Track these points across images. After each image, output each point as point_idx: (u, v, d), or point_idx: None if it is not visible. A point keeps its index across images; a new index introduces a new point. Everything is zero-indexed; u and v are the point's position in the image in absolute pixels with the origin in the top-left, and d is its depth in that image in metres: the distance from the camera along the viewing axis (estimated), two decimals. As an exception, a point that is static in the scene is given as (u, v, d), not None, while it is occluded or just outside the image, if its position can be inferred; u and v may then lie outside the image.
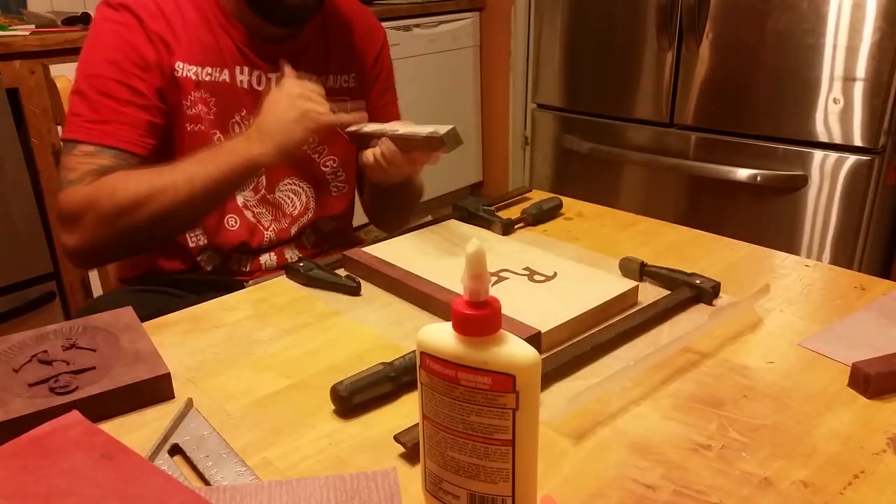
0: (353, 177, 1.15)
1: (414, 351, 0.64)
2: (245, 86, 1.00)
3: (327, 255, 1.03)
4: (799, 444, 0.56)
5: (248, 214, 1.04)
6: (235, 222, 1.02)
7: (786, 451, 0.55)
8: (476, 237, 0.87)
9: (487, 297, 0.43)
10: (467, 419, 0.44)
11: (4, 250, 1.77)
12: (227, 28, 0.99)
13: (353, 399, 0.60)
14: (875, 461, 0.54)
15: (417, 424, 0.56)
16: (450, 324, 0.44)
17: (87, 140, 0.91)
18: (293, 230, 1.07)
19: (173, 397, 0.63)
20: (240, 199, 1.03)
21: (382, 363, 0.63)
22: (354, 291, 0.82)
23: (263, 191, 1.05)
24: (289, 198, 1.07)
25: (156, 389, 0.62)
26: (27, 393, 0.59)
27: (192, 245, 1.01)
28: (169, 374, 0.62)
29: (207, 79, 0.97)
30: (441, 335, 0.44)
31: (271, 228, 1.05)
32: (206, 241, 1.01)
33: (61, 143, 0.94)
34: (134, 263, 1.07)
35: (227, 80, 0.99)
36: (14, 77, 1.73)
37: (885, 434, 0.57)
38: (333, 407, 0.61)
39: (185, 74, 0.96)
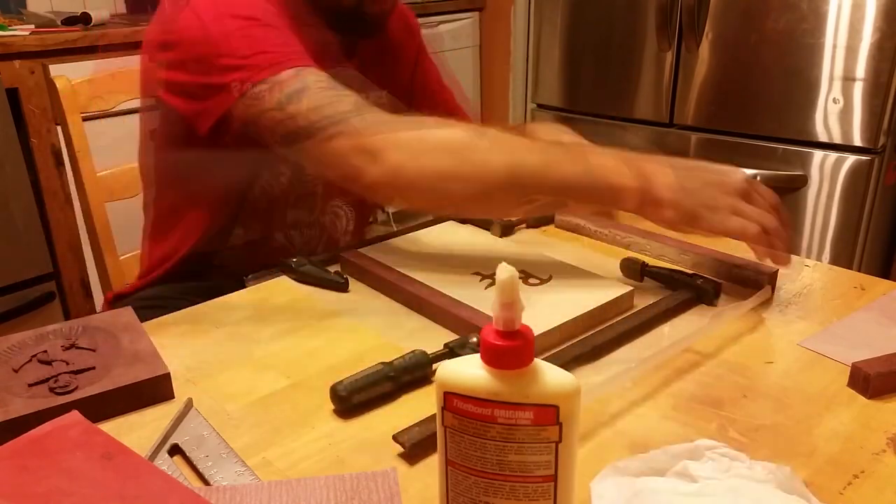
0: None
1: (414, 351, 0.64)
2: None
3: None
4: (799, 444, 0.56)
5: (295, 234, 0.98)
6: (286, 239, 0.97)
7: (786, 451, 0.55)
8: (476, 239, 0.87)
9: (521, 326, 0.39)
10: (504, 459, 0.40)
11: (4, 250, 1.77)
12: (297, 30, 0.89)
13: (353, 399, 0.60)
14: (875, 461, 0.54)
15: (417, 424, 0.56)
16: (476, 357, 0.40)
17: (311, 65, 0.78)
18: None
19: (173, 397, 0.63)
20: (290, 216, 0.97)
21: (382, 363, 0.63)
22: (342, 288, 0.82)
23: (317, 212, 0.98)
24: (331, 221, 1.02)
25: (156, 389, 0.62)
26: (27, 393, 0.59)
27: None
28: (169, 374, 0.62)
29: None
30: (469, 371, 0.40)
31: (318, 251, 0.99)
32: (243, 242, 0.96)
33: (272, 81, 0.77)
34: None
35: None
36: (14, 77, 1.73)
37: (885, 434, 0.57)
38: (333, 407, 0.61)
39: None
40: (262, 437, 0.58)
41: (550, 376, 0.40)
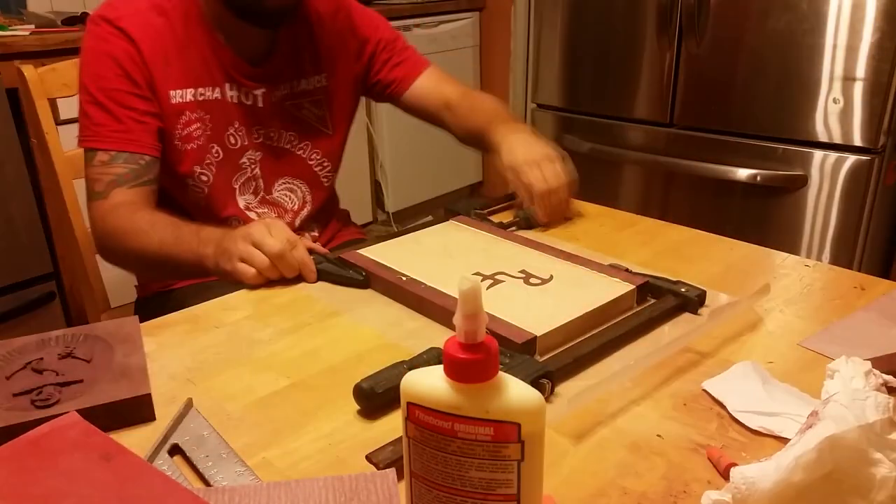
0: (338, 163, 1.19)
1: (429, 349, 0.64)
2: (235, 101, 1.06)
3: (337, 238, 1.18)
4: (799, 445, 0.56)
5: (252, 216, 1.09)
6: (239, 223, 1.06)
7: (786, 451, 0.55)
8: (476, 239, 0.87)
9: (484, 339, 0.38)
10: (465, 475, 0.40)
11: (4, 250, 1.77)
12: (216, 49, 1.03)
13: (379, 398, 0.60)
14: (875, 461, 0.54)
15: (391, 443, 0.54)
16: (440, 368, 0.39)
17: (106, 148, 0.98)
18: (296, 223, 1.13)
19: (154, 419, 0.61)
20: (241, 203, 1.08)
21: (402, 361, 0.63)
22: (362, 284, 0.83)
23: (262, 193, 1.10)
24: (286, 196, 1.13)
25: (135, 410, 0.60)
26: (8, 403, 0.59)
27: None
28: (149, 395, 0.61)
29: (201, 98, 1.03)
30: (431, 382, 0.39)
31: None
32: None
33: (83, 152, 1.00)
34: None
35: (219, 97, 1.05)
36: (14, 77, 1.73)
37: (886, 434, 0.57)
38: (358, 407, 0.61)
39: (178, 100, 1.01)
40: (262, 437, 0.58)
41: (514, 392, 0.39)
